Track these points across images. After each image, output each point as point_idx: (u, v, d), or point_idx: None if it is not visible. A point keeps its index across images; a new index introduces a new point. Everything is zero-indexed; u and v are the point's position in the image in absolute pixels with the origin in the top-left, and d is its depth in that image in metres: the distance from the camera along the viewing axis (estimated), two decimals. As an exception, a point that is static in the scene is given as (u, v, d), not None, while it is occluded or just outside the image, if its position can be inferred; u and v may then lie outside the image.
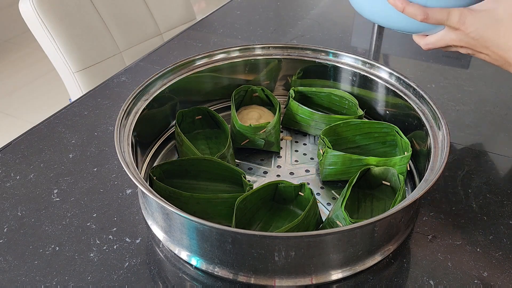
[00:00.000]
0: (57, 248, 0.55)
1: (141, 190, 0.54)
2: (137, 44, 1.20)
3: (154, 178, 0.58)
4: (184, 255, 0.54)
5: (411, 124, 0.66)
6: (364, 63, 0.73)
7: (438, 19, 0.56)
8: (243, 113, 0.75)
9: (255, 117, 0.73)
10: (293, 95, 0.74)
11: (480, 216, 0.60)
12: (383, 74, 0.71)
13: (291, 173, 0.67)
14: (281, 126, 0.74)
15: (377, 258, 0.53)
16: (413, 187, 0.64)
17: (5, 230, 0.58)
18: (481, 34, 0.55)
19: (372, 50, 1.03)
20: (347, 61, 0.74)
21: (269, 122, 0.68)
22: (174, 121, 0.70)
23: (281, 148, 0.72)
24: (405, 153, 0.62)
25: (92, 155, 0.70)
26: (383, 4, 0.59)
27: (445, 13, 0.56)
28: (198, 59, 0.73)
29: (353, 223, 0.48)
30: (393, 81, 0.69)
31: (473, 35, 0.56)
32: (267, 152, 0.71)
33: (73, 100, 0.84)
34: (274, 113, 0.75)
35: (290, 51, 0.77)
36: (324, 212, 0.61)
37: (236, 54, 0.76)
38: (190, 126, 0.72)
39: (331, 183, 0.66)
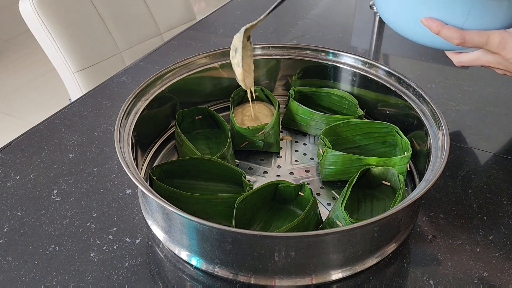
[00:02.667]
0: (57, 248, 0.55)
1: (141, 190, 0.54)
2: (137, 44, 1.20)
3: (154, 178, 0.58)
4: (184, 255, 0.54)
5: (411, 124, 0.66)
6: (364, 63, 0.73)
7: (476, 43, 0.53)
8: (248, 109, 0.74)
9: (264, 112, 0.73)
10: (293, 95, 0.74)
11: (480, 216, 0.60)
12: (383, 74, 0.71)
13: (291, 173, 0.67)
14: (281, 126, 0.74)
15: (377, 258, 0.53)
16: (413, 187, 0.64)
17: (5, 230, 0.58)
18: None
19: (372, 50, 1.03)
20: (347, 61, 0.74)
21: (267, 123, 0.68)
22: (174, 121, 0.70)
23: (281, 148, 0.72)
24: (405, 153, 0.62)
25: (92, 155, 0.70)
26: (416, 23, 0.55)
27: (484, 37, 0.52)
28: (198, 59, 0.73)
29: (353, 223, 0.48)
30: (393, 81, 0.69)
31: None
32: (267, 152, 0.71)
33: (73, 100, 0.84)
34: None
35: (290, 51, 0.77)
36: (324, 212, 0.61)
37: (236, 54, 0.75)
38: (190, 126, 0.72)
39: (331, 183, 0.66)
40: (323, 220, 0.57)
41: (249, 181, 0.60)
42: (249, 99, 0.70)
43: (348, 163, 0.63)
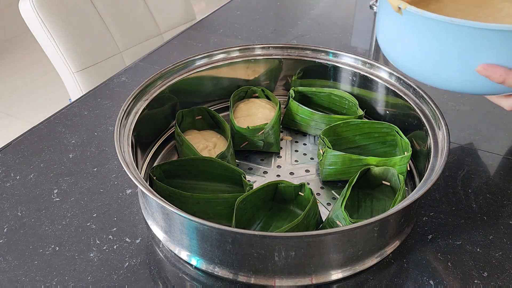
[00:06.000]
0: (57, 248, 0.55)
1: (141, 190, 0.54)
2: (137, 44, 1.20)
3: (154, 178, 0.58)
4: (184, 255, 0.54)
5: (411, 124, 0.66)
6: (364, 63, 0.73)
7: None
8: (249, 105, 0.74)
9: (259, 111, 0.73)
10: (293, 95, 0.74)
11: (480, 216, 0.60)
12: (383, 74, 0.71)
13: (291, 173, 0.67)
14: (281, 126, 0.74)
15: (377, 258, 0.53)
16: (413, 187, 0.64)
17: (5, 230, 0.58)
18: None
19: (372, 50, 1.03)
20: (347, 61, 0.74)
21: (267, 123, 0.68)
22: (174, 121, 0.70)
23: (281, 148, 0.72)
24: (405, 153, 0.62)
25: (92, 155, 0.70)
26: (460, 72, 0.46)
27: None
28: (198, 59, 0.73)
29: (353, 223, 0.48)
30: (393, 81, 0.69)
31: None
32: (267, 152, 0.71)
33: (73, 100, 0.84)
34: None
35: (290, 51, 0.77)
36: (324, 212, 0.61)
37: (236, 54, 0.75)
38: (190, 126, 0.72)
39: (331, 183, 0.66)
40: (323, 220, 0.57)
41: (249, 181, 0.60)
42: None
43: (348, 163, 0.63)
